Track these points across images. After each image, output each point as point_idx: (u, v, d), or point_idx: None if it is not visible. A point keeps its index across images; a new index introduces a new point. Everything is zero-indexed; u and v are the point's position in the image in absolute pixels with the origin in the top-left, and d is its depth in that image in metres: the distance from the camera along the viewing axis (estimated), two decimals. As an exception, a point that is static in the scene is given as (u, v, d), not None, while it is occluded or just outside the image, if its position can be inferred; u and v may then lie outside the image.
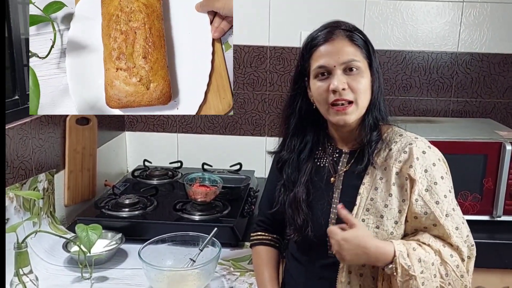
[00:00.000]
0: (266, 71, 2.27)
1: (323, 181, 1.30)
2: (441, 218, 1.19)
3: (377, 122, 1.27)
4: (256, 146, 2.35)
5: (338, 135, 1.33)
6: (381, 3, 2.16)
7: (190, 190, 1.77)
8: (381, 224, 1.21)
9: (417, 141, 1.26)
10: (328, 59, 1.21)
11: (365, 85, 1.22)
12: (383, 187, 1.22)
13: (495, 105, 2.25)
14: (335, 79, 1.19)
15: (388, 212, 1.21)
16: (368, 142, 1.25)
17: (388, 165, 1.24)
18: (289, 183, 1.33)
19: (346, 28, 1.24)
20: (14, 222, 1.42)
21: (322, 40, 1.23)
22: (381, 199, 1.22)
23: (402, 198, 1.21)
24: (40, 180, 1.61)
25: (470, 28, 2.17)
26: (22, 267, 1.24)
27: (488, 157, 1.74)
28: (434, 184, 1.21)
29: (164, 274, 1.35)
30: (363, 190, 1.24)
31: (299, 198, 1.28)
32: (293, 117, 1.34)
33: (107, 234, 1.60)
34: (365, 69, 1.22)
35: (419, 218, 1.20)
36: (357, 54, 1.21)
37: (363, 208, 1.22)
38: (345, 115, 1.21)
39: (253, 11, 2.19)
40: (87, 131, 1.89)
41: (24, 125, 1.55)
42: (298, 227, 1.27)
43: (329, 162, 1.32)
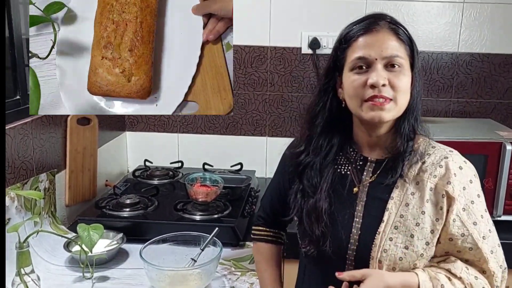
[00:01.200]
0: (266, 72, 2.27)
1: (345, 190, 1.17)
2: (478, 241, 1.09)
3: (414, 131, 1.15)
4: (257, 146, 2.35)
5: (365, 140, 1.19)
6: (381, 4, 2.16)
7: (191, 190, 1.77)
8: (410, 245, 1.09)
9: (452, 154, 1.16)
10: (369, 51, 1.08)
11: (406, 84, 1.10)
12: (415, 204, 1.11)
13: (495, 106, 2.25)
14: (375, 73, 1.07)
15: (420, 231, 1.09)
16: (404, 152, 1.13)
17: (421, 179, 1.12)
18: (310, 188, 1.19)
19: (392, 20, 1.14)
20: (15, 222, 1.42)
21: (364, 29, 1.11)
22: (413, 217, 1.10)
23: (436, 217, 1.10)
24: (41, 180, 1.61)
25: (471, 28, 2.18)
26: (23, 267, 1.24)
27: (489, 157, 1.74)
28: (471, 203, 1.11)
29: (165, 274, 1.35)
30: (391, 206, 1.12)
31: (320, 207, 1.15)
32: (321, 115, 1.19)
33: (108, 234, 1.60)
34: (407, 67, 1.11)
35: (454, 240, 1.10)
36: (401, 50, 1.10)
37: (391, 226, 1.10)
38: (381, 110, 1.07)
39: (253, 11, 2.20)
40: (88, 131, 1.90)
41: (25, 125, 1.55)
42: (315, 239, 1.15)
43: (352, 170, 1.19)
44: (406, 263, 1.09)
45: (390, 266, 1.10)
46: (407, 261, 1.09)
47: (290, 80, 2.27)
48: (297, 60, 2.24)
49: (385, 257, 1.09)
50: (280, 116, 2.31)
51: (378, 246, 1.10)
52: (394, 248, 1.09)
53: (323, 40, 2.19)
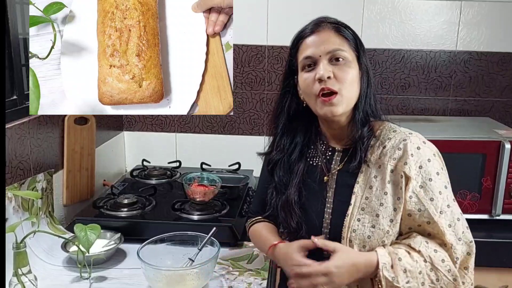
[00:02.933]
0: (264, 71, 2.27)
1: (316, 180, 1.29)
2: (435, 215, 1.17)
3: (367, 117, 1.25)
4: (254, 145, 2.31)
5: (330, 133, 1.31)
6: (379, 2, 2.16)
7: (189, 189, 1.77)
8: (376, 223, 1.19)
9: (411, 136, 1.23)
10: (314, 49, 1.20)
11: (352, 76, 1.19)
12: (378, 186, 1.21)
13: (493, 104, 2.25)
14: (320, 67, 1.18)
15: (384, 210, 1.19)
16: (359, 138, 1.23)
17: (382, 163, 1.22)
18: (281, 185, 1.31)
19: (333, 21, 1.24)
20: (12, 222, 1.42)
21: (309, 32, 1.23)
22: (376, 198, 1.20)
23: (397, 196, 1.19)
24: (39, 180, 1.60)
25: (469, 27, 2.17)
26: (20, 267, 1.24)
27: (487, 156, 1.74)
28: (429, 180, 1.19)
29: (162, 273, 1.35)
30: (357, 189, 1.22)
31: (291, 201, 1.26)
32: (282, 116, 1.32)
33: (105, 234, 1.60)
34: (352, 60, 1.21)
35: (413, 215, 1.19)
36: (343, 44, 1.20)
37: (358, 207, 1.21)
38: (331, 105, 1.18)
39: (251, 10, 2.19)
40: (86, 131, 1.89)
41: (22, 125, 1.55)
42: (293, 229, 1.27)
43: (322, 161, 1.30)
44: (374, 240, 1.19)
45: (360, 244, 1.20)
46: (375, 238, 1.19)
47: (285, 79, 2.26)
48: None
49: (354, 237, 1.20)
50: (275, 115, 2.30)
51: (347, 227, 1.21)
52: (362, 227, 1.20)
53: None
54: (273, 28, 2.21)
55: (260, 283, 1.44)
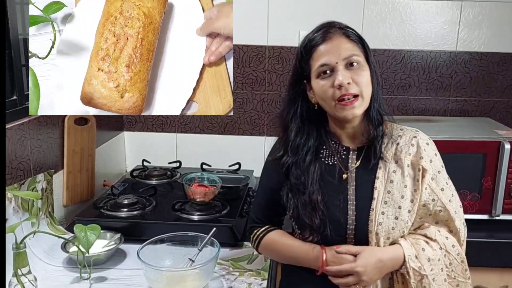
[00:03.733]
0: (264, 71, 2.26)
1: (335, 179, 1.32)
2: (446, 204, 1.28)
3: (381, 116, 1.31)
4: (255, 146, 2.34)
5: (343, 133, 1.34)
6: (379, 3, 2.16)
7: (189, 190, 1.77)
8: (399, 215, 1.26)
9: (419, 133, 1.34)
10: (329, 57, 1.23)
11: (367, 78, 1.25)
12: (398, 179, 1.28)
13: (494, 104, 2.25)
14: (339, 74, 1.22)
15: (404, 202, 1.27)
16: (376, 136, 1.29)
17: (399, 158, 1.30)
18: (299, 185, 1.31)
19: (341, 26, 1.29)
20: (12, 222, 1.42)
21: (320, 39, 1.26)
22: (397, 191, 1.27)
23: (414, 188, 1.28)
24: (39, 180, 1.60)
25: (469, 27, 2.17)
26: (20, 268, 1.24)
27: (487, 156, 1.74)
28: (438, 172, 1.30)
29: (163, 274, 1.35)
30: (378, 184, 1.28)
31: (315, 199, 1.28)
32: (294, 121, 1.34)
33: (105, 234, 1.60)
34: (364, 63, 1.26)
35: (427, 205, 1.27)
36: (355, 49, 1.25)
37: (381, 202, 1.27)
38: (353, 109, 1.23)
39: (251, 10, 2.19)
40: (86, 131, 1.89)
41: (22, 126, 1.54)
42: (316, 228, 1.27)
43: (338, 160, 1.33)
44: (397, 231, 1.26)
45: (385, 236, 1.26)
46: (398, 229, 1.26)
47: (288, 80, 2.25)
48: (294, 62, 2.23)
49: (380, 230, 1.25)
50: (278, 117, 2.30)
51: (373, 221, 1.26)
52: (387, 220, 1.26)
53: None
54: (273, 29, 2.21)
55: (260, 283, 1.44)
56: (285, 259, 1.40)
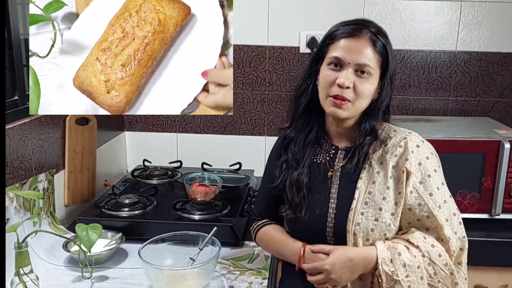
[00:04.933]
0: (265, 71, 2.27)
1: (321, 175, 1.34)
2: (434, 210, 1.23)
3: (373, 128, 1.31)
4: (255, 145, 2.35)
5: (335, 131, 1.36)
6: (379, 3, 2.16)
7: (190, 189, 1.77)
8: (379, 217, 1.24)
9: (411, 135, 1.31)
10: (346, 54, 1.23)
11: (369, 91, 1.25)
12: (380, 181, 1.27)
13: (493, 104, 2.25)
14: (343, 75, 1.22)
15: (386, 204, 1.25)
16: (360, 144, 1.30)
17: (384, 159, 1.28)
18: (293, 161, 1.36)
19: (374, 31, 1.26)
20: (14, 222, 1.42)
21: (347, 34, 1.25)
22: (379, 192, 1.26)
23: (398, 191, 1.25)
24: (40, 180, 1.61)
25: (469, 27, 2.18)
26: (22, 267, 1.24)
27: (487, 156, 1.74)
28: (428, 176, 1.26)
29: (164, 273, 1.35)
30: (361, 184, 1.28)
31: (301, 181, 1.31)
32: (304, 97, 1.35)
33: (107, 233, 1.60)
34: (375, 77, 1.26)
35: (413, 210, 1.24)
36: (373, 60, 1.24)
37: (361, 202, 1.26)
38: (339, 108, 1.25)
39: (251, 10, 2.19)
40: (87, 131, 1.90)
41: (23, 125, 1.55)
42: (294, 206, 1.32)
43: (325, 158, 1.35)
44: (377, 233, 1.24)
45: (364, 237, 1.24)
46: (377, 231, 1.24)
47: (288, 80, 2.27)
48: (296, 59, 2.24)
49: (358, 230, 1.24)
50: (279, 115, 2.31)
51: (351, 220, 1.25)
52: (366, 221, 1.24)
53: (321, 39, 2.18)
54: (274, 29, 2.21)
55: (261, 282, 1.44)
56: (274, 252, 1.46)
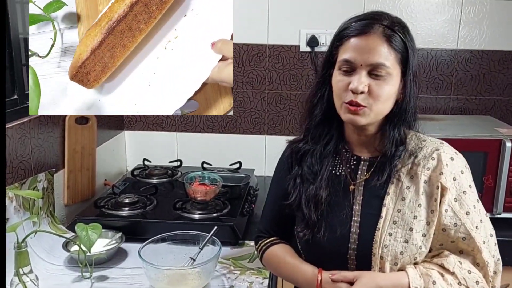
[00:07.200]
0: (265, 70, 2.26)
1: (341, 190, 1.19)
2: (472, 231, 1.11)
3: (404, 136, 1.16)
4: (255, 144, 2.34)
5: (356, 140, 1.22)
6: (380, 1, 2.16)
7: (190, 189, 1.77)
8: (410, 238, 1.11)
9: (443, 146, 1.18)
10: (356, 56, 1.09)
11: (388, 93, 1.10)
12: (411, 197, 1.13)
13: (495, 103, 2.25)
14: (356, 79, 1.08)
15: (417, 224, 1.11)
16: (392, 156, 1.15)
17: (415, 173, 1.14)
18: (310, 174, 1.20)
19: (388, 25, 1.11)
20: (13, 221, 1.42)
21: (356, 31, 1.11)
22: (410, 210, 1.12)
23: (431, 209, 1.12)
24: (40, 179, 1.60)
25: (470, 25, 2.17)
26: (22, 267, 1.24)
27: (488, 154, 1.74)
28: (463, 193, 1.13)
29: (164, 273, 1.35)
30: (388, 201, 1.13)
31: (320, 196, 1.17)
32: (320, 105, 1.20)
33: (107, 233, 1.60)
34: (395, 75, 1.10)
35: (447, 230, 1.12)
36: (389, 58, 1.08)
37: (389, 221, 1.12)
38: (356, 115, 1.10)
39: (251, 9, 2.19)
40: (86, 131, 1.89)
41: (23, 125, 1.54)
42: (312, 224, 1.17)
43: (346, 170, 1.21)
44: (406, 257, 1.11)
45: (392, 261, 1.11)
46: (407, 255, 1.11)
47: (288, 78, 2.26)
48: (296, 58, 2.24)
49: (386, 253, 1.11)
50: (279, 114, 2.31)
51: (378, 242, 1.11)
52: (394, 243, 1.11)
53: (321, 37, 2.18)
54: (274, 27, 2.21)
55: (261, 282, 1.44)
56: (284, 277, 1.31)
